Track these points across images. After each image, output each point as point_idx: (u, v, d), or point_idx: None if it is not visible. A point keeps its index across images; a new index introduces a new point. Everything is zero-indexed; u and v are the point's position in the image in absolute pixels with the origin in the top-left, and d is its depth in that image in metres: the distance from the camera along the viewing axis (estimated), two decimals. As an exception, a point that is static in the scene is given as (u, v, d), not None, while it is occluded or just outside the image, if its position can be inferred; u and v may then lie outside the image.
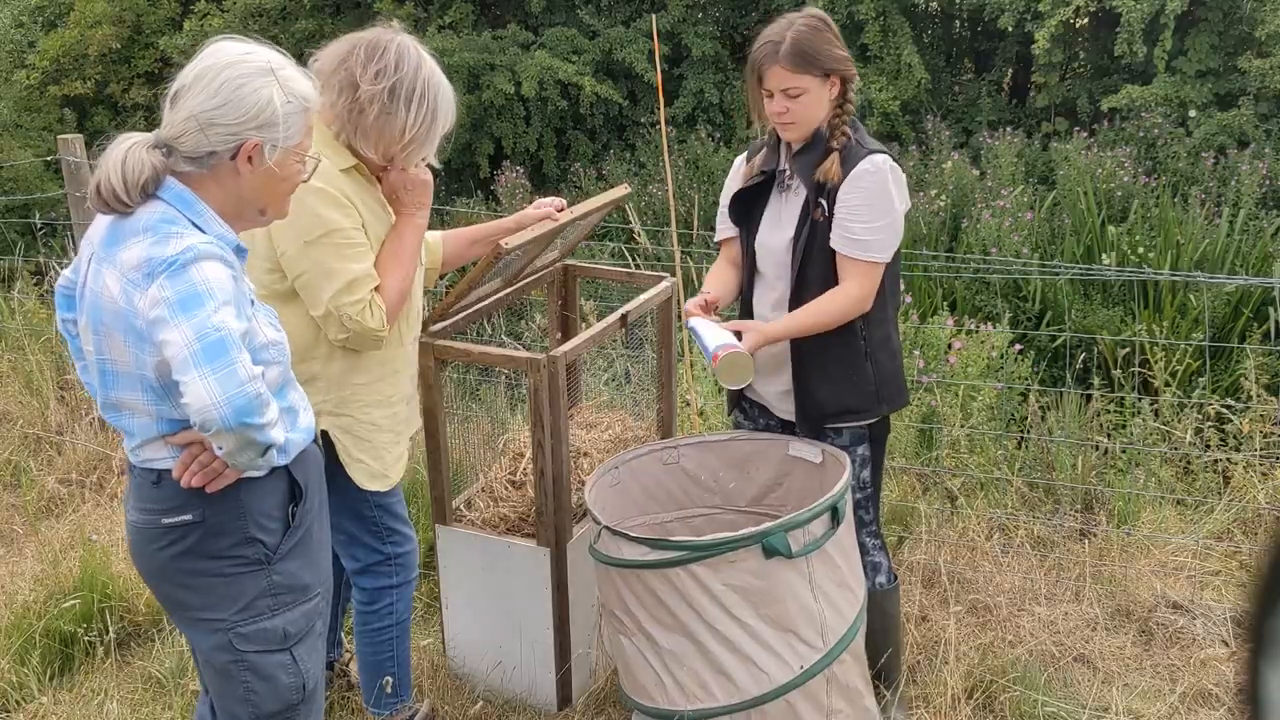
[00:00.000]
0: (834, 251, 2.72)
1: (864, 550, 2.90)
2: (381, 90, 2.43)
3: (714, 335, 2.71)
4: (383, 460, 2.68)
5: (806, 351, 2.81)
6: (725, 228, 2.97)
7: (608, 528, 2.64)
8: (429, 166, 2.64)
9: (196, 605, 2.13)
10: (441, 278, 3.10)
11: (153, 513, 2.09)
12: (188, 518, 2.06)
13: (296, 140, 2.05)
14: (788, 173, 2.81)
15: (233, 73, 1.98)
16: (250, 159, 2.00)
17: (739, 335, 2.71)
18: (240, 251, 2.07)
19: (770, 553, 2.50)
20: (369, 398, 2.63)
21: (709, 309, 2.86)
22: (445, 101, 2.53)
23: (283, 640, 2.16)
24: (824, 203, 2.71)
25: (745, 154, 2.96)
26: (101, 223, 2.03)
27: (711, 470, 3.03)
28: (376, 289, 2.50)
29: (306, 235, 2.44)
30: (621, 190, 3.25)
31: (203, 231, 1.98)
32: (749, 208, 2.88)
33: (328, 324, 2.49)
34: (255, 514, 2.09)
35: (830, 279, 2.74)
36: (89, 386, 2.15)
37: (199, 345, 1.85)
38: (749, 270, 2.91)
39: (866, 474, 2.89)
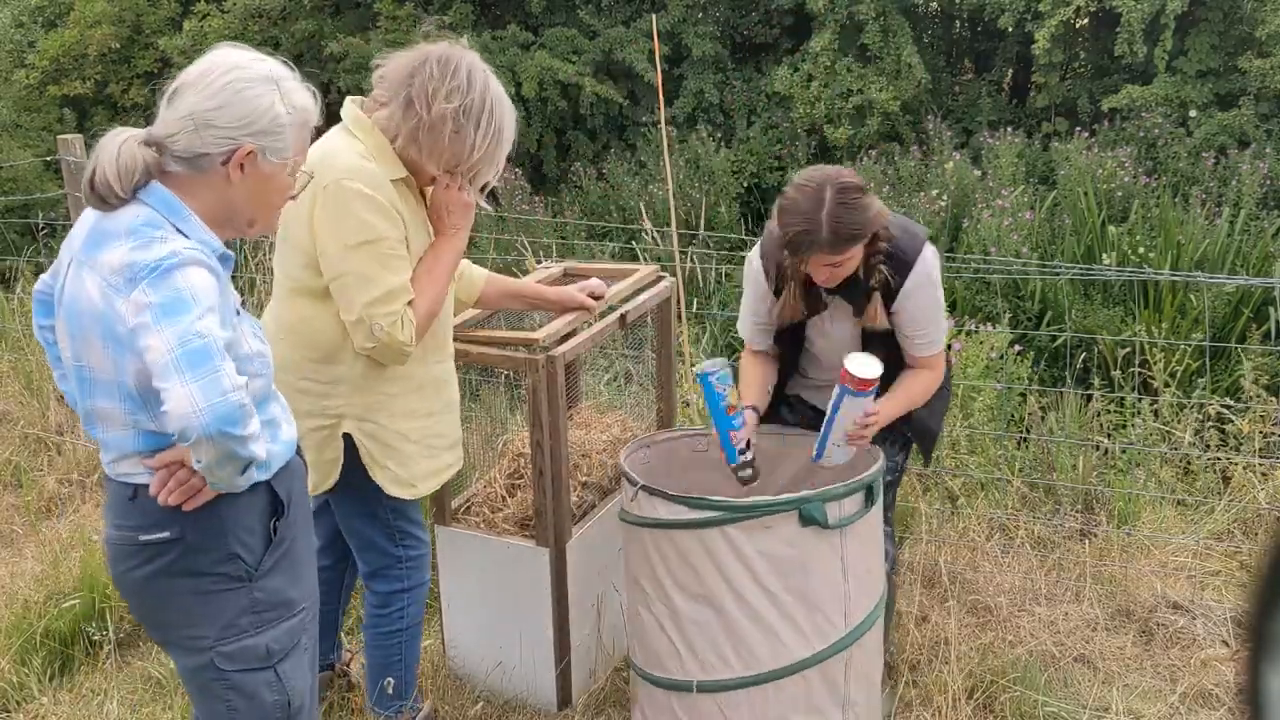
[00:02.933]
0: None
1: None
2: (455, 109, 2.43)
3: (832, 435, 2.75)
4: (409, 470, 2.65)
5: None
6: (758, 340, 2.96)
7: (645, 486, 2.64)
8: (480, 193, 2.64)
9: (176, 624, 2.06)
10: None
11: (129, 529, 2.01)
12: (166, 534, 1.98)
13: (290, 153, 2.01)
14: (826, 299, 2.80)
15: (236, 75, 1.94)
16: (242, 166, 1.96)
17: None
18: (225, 259, 2.00)
19: (806, 521, 2.52)
20: (395, 409, 2.60)
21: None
22: (510, 121, 2.53)
23: (266, 658, 2.09)
24: (879, 315, 2.73)
25: (760, 262, 2.83)
26: (82, 226, 1.98)
27: None
28: (410, 303, 2.49)
29: (350, 239, 2.42)
30: (650, 269, 3.34)
31: (186, 237, 1.92)
32: (794, 330, 2.88)
33: (357, 330, 2.46)
34: (236, 529, 2.01)
35: (891, 340, 2.79)
36: (69, 397, 2.09)
37: (180, 351, 1.78)
38: (797, 351, 2.94)
39: (902, 458, 2.97)
